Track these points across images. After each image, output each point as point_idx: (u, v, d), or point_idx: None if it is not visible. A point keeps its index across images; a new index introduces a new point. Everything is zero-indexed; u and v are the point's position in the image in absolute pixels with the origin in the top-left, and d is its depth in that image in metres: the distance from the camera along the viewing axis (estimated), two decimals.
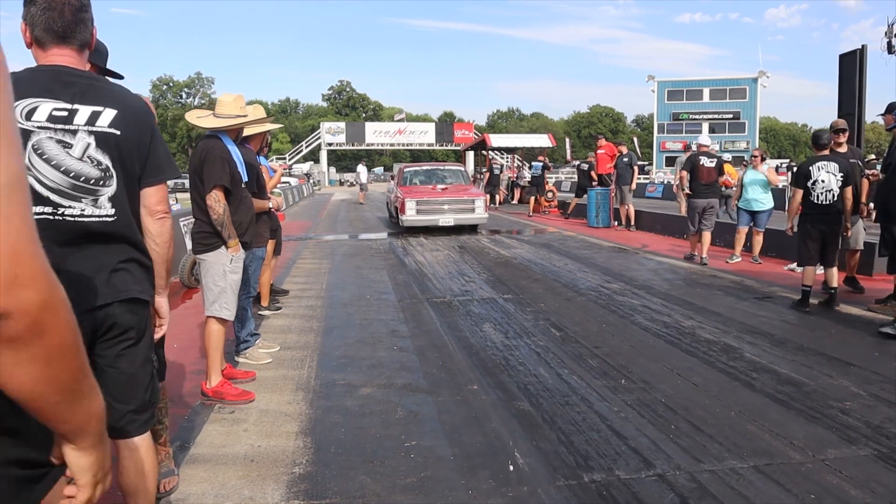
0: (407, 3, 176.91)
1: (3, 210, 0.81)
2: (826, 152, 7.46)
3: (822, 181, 7.16)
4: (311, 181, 48.67)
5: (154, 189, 2.41)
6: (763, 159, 10.99)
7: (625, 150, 17.22)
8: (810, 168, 7.25)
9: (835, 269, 7.38)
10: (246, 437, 4.03)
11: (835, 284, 7.35)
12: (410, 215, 15.86)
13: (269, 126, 5.69)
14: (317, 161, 64.27)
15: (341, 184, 64.92)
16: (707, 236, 10.66)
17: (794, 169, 8.74)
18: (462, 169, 19.61)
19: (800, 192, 7.30)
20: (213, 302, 4.42)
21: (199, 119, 4.58)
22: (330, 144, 63.62)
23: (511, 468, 3.50)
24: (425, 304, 7.78)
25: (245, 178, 4.61)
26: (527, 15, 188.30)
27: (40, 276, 0.85)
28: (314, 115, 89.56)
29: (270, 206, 5.81)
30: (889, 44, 21.20)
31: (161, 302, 2.55)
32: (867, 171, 8.25)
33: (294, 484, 3.38)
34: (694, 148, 12.58)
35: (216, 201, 4.27)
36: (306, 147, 62.90)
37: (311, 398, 4.65)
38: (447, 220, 15.94)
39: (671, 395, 4.58)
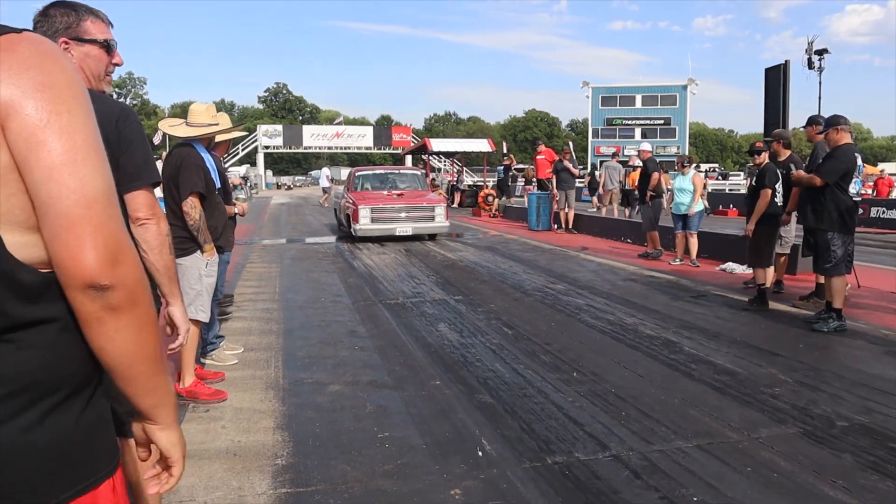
0: (344, 4, 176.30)
1: (107, 210, 1.06)
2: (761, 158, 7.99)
3: (779, 185, 7.75)
4: (249, 184, 48.12)
5: (131, 196, 2.34)
6: (697, 165, 11.60)
7: (569, 155, 17.76)
8: (777, 171, 7.80)
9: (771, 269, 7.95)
10: (225, 433, 4.22)
11: (768, 282, 7.90)
12: (364, 224, 14.66)
13: (238, 133, 5.87)
14: (253, 164, 63.47)
15: (279, 187, 64.27)
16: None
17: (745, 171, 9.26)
18: (419, 173, 18.60)
19: (769, 192, 7.79)
20: (189, 305, 4.58)
21: (173, 128, 4.75)
22: (267, 147, 62.94)
23: (480, 454, 3.80)
24: (379, 306, 8.03)
25: (218, 185, 4.81)
26: (463, 20, 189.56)
27: (133, 258, 1.10)
28: (250, 117, 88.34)
29: (236, 211, 5.98)
30: (809, 60, 22.46)
31: (174, 311, 2.54)
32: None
33: (279, 474, 3.60)
34: (637, 154, 13.26)
35: (192, 207, 4.46)
36: (242, 150, 62.11)
37: (282, 396, 4.86)
38: (405, 229, 14.85)
39: (620, 386, 4.96)
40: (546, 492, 3.34)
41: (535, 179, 20.48)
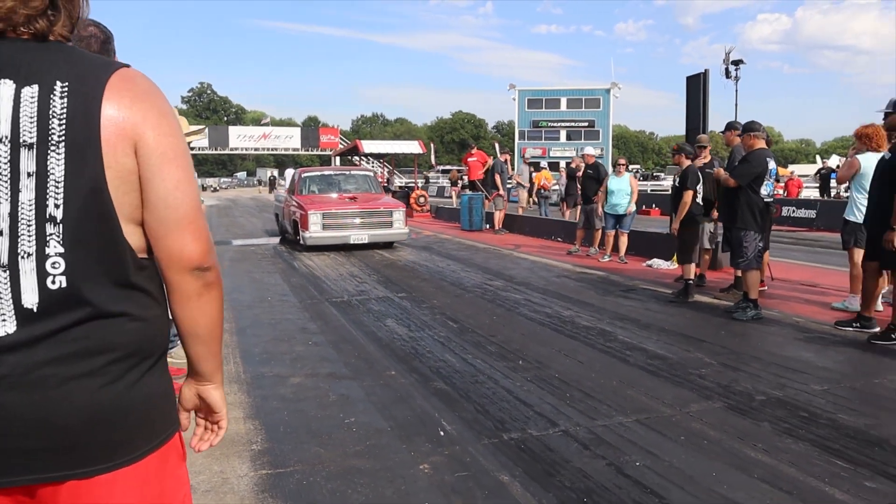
0: (270, 4, 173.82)
1: (202, 213, 1.40)
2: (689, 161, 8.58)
3: (701, 185, 8.33)
4: None
5: None
6: (627, 167, 12.17)
7: (505, 157, 18.27)
8: (699, 172, 8.37)
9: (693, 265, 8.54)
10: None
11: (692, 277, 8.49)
12: (315, 231, 13.27)
13: (197, 137, 6.03)
14: None
15: (204, 189, 63.09)
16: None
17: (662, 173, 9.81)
18: (371, 174, 17.17)
19: (691, 193, 8.33)
20: None
21: None
22: (192, 149, 61.55)
23: (442, 433, 4.14)
24: (326, 304, 8.28)
25: None
26: (389, 21, 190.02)
27: (214, 248, 1.43)
28: None
29: None
30: (727, 70, 23.72)
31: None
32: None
33: (257, 458, 3.85)
34: (580, 158, 13.83)
35: None
36: None
37: (246, 389, 5.09)
38: (360, 236, 13.50)
39: (563, 371, 5.37)
40: (506, 463, 3.70)
41: (462, 181, 21.07)
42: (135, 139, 1.29)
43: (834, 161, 35.66)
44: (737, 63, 24.26)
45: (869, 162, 7.07)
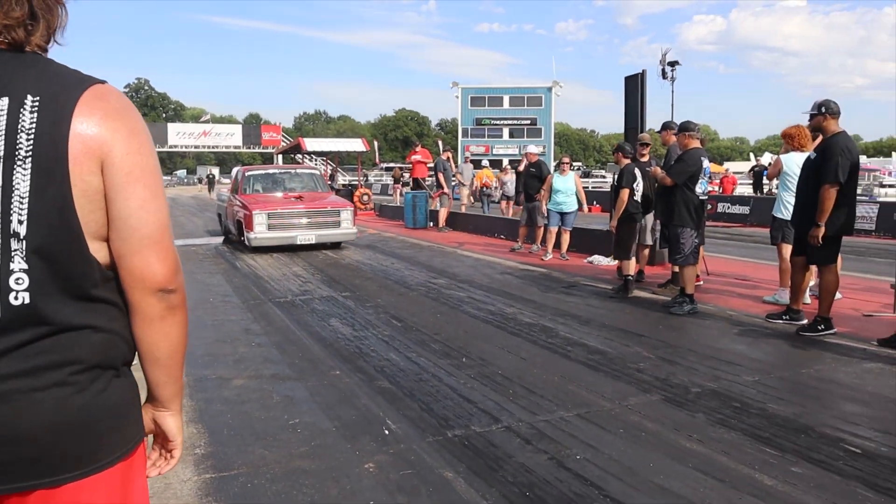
0: None
1: (171, 232, 1.40)
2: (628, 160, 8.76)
3: (639, 183, 8.50)
4: None
5: None
6: (571, 166, 12.32)
7: (446, 155, 18.33)
8: (636, 171, 8.55)
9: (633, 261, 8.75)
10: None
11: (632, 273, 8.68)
12: (260, 232, 12.82)
13: None
14: None
15: None
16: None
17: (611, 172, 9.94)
18: (317, 172, 16.78)
19: (627, 192, 8.49)
20: None
21: None
22: None
23: (387, 432, 4.17)
24: (270, 305, 8.22)
25: None
26: (332, 17, 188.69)
27: (181, 269, 1.43)
28: None
29: None
30: (663, 71, 24.33)
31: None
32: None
33: (201, 462, 3.82)
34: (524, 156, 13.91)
35: None
36: None
37: (188, 392, 5.02)
38: (307, 237, 13.12)
39: (506, 368, 5.46)
40: (450, 460, 3.76)
41: (404, 179, 21.09)
42: (102, 157, 1.29)
43: (766, 159, 36.85)
44: (673, 64, 24.96)
45: (791, 161, 7.52)
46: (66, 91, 1.28)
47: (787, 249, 7.38)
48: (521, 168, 14.74)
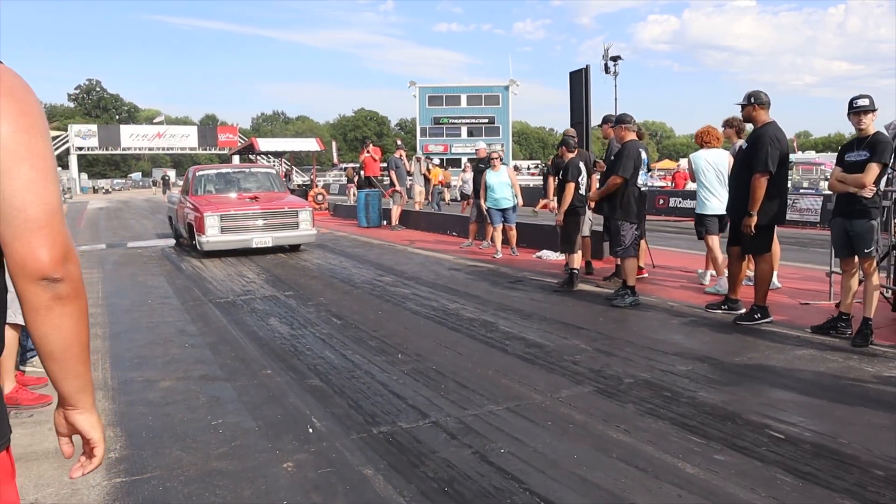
0: None
1: (62, 218, 1.30)
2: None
3: (584, 177, 8.49)
4: (61, 189, 44.97)
5: None
6: (501, 161, 12.10)
7: (399, 153, 18.19)
8: (580, 164, 8.52)
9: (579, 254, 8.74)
10: (52, 435, 4.15)
11: (577, 266, 8.67)
12: (213, 235, 12.04)
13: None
14: (65, 167, 59.23)
15: (96, 191, 60.41)
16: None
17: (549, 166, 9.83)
18: (273, 172, 15.85)
19: (573, 186, 8.42)
20: (8, 308, 4.49)
21: None
22: (80, 149, 59.07)
23: (310, 430, 4.07)
24: (210, 305, 8.04)
25: None
26: (288, 17, 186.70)
27: (77, 258, 1.33)
28: (59, 116, 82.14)
29: None
30: (606, 66, 24.62)
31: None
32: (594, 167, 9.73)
33: (113, 466, 3.68)
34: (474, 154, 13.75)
35: None
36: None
37: (111, 395, 4.87)
38: (263, 239, 12.42)
39: (441, 364, 5.39)
40: (372, 457, 3.67)
41: (357, 178, 20.92)
42: None
43: None
44: (615, 59, 25.28)
45: (699, 157, 8.13)
46: None
47: (714, 240, 7.82)
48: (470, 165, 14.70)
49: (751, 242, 6.29)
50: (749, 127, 6.99)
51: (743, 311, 6.63)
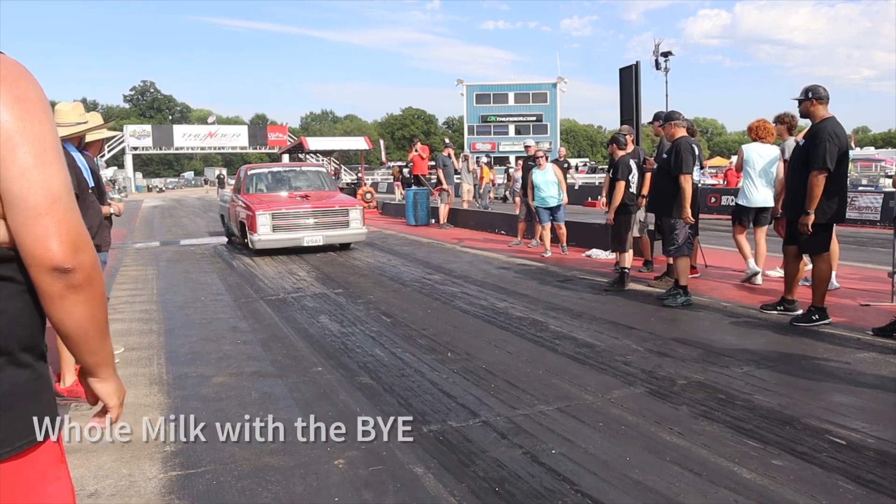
0: (211, 1, 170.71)
1: (69, 204, 1.29)
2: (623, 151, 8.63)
3: (635, 175, 8.39)
4: (117, 187, 46.18)
5: None
6: (547, 159, 11.96)
7: (447, 152, 18.19)
8: (631, 162, 8.43)
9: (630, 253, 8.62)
10: (111, 427, 4.30)
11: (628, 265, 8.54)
12: (264, 234, 12.13)
13: (108, 133, 5.87)
14: (121, 166, 60.78)
15: (149, 190, 61.84)
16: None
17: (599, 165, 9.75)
18: (324, 170, 15.89)
19: (623, 184, 8.33)
20: None
21: None
22: (135, 149, 60.50)
23: (361, 428, 4.08)
24: (261, 303, 8.15)
25: (91, 184, 4.85)
26: (336, 17, 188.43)
27: (90, 246, 1.33)
28: (116, 116, 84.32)
29: (111, 210, 5.97)
30: (656, 62, 24.20)
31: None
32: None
33: (169, 459, 3.76)
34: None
35: None
36: (108, 151, 59.38)
37: (166, 390, 4.97)
38: (314, 238, 12.42)
39: (490, 362, 5.37)
40: (422, 456, 3.67)
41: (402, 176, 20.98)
42: None
43: None
44: (666, 55, 24.85)
45: (751, 150, 8.24)
46: None
47: (738, 230, 8.42)
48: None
49: (808, 242, 6.12)
50: (803, 122, 6.82)
51: (800, 312, 6.46)
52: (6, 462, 1.29)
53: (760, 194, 8.16)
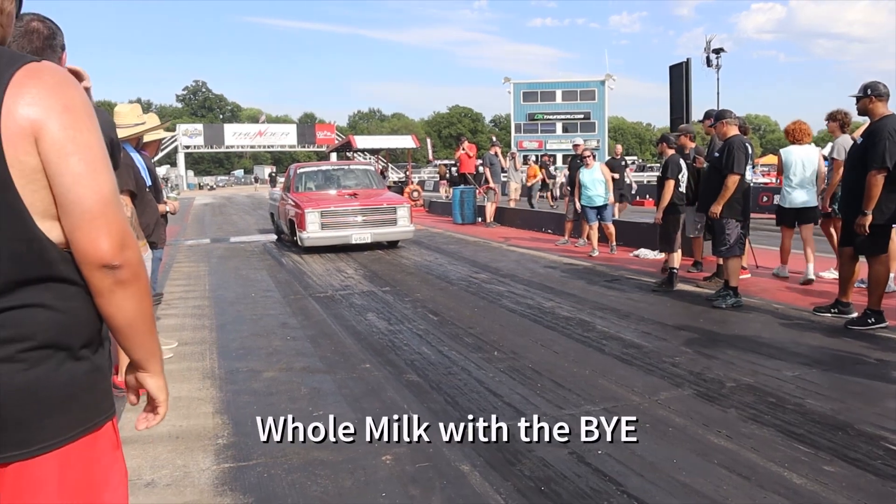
0: (262, 1, 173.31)
1: (117, 207, 1.38)
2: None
3: (684, 174, 8.31)
4: (170, 185, 47.24)
5: None
6: (594, 157, 11.84)
7: (494, 150, 18.18)
8: (681, 161, 8.34)
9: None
10: (166, 419, 4.40)
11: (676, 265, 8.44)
12: (313, 231, 12.27)
13: (164, 133, 6.03)
14: (173, 164, 62.09)
15: (201, 187, 63.09)
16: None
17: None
18: (371, 168, 16.02)
19: (672, 183, 8.21)
20: None
21: None
22: (187, 147, 61.79)
23: (406, 423, 4.13)
24: (309, 300, 8.28)
25: (148, 183, 5.00)
26: (384, 16, 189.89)
27: (135, 244, 1.42)
28: (168, 116, 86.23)
29: (167, 209, 6.13)
30: (707, 58, 23.76)
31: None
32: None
33: (221, 452, 3.86)
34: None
35: (124, 205, 4.64)
36: (161, 150, 60.80)
37: (218, 384, 5.09)
38: (362, 236, 12.51)
39: (537, 362, 5.38)
40: (469, 453, 3.71)
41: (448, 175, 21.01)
42: (35, 136, 1.29)
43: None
44: (717, 52, 24.38)
45: (790, 155, 8.47)
46: None
47: (784, 230, 8.72)
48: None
49: (865, 243, 5.97)
50: (859, 119, 6.65)
51: (855, 314, 6.30)
52: (66, 447, 1.37)
53: (800, 196, 8.36)
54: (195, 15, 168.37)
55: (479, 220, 18.10)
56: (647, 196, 25.57)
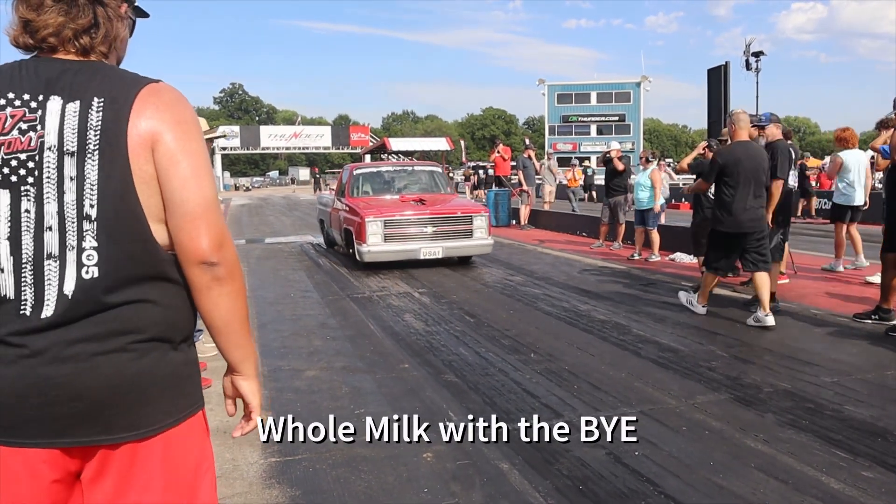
0: (296, 4, 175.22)
1: (217, 209, 1.53)
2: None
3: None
4: None
5: None
6: (648, 161, 11.85)
7: (528, 153, 18.20)
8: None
9: None
10: (213, 415, 4.53)
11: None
12: (374, 244, 10.27)
13: (214, 135, 6.23)
14: (211, 166, 63.06)
15: (237, 188, 63.95)
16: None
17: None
18: (439, 170, 13.74)
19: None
20: None
21: None
22: (224, 149, 62.60)
23: (448, 422, 4.23)
24: (347, 300, 8.42)
25: None
26: (418, 18, 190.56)
27: (232, 244, 1.55)
28: (205, 118, 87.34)
29: None
30: (747, 62, 23.53)
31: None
32: None
33: (268, 447, 3.99)
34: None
35: None
36: None
37: (262, 382, 5.16)
38: (432, 250, 10.47)
39: (573, 364, 5.44)
40: (507, 452, 3.79)
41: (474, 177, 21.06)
42: (152, 146, 1.46)
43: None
44: (757, 55, 24.12)
45: (849, 157, 9.30)
46: (124, 91, 1.47)
47: (839, 226, 9.37)
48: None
49: None
50: None
51: None
52: (169, 431, 1.51)
53: (860, 195, 9.26)
54: (233, 17, 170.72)
55: (514, 222, 18.15)
56: (683, 200, 25.33)
